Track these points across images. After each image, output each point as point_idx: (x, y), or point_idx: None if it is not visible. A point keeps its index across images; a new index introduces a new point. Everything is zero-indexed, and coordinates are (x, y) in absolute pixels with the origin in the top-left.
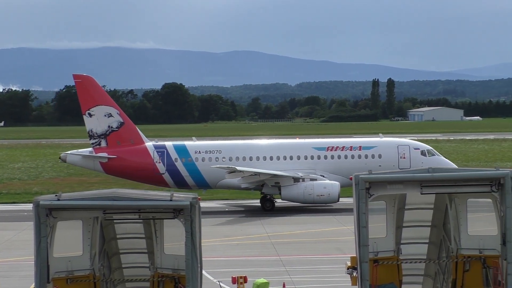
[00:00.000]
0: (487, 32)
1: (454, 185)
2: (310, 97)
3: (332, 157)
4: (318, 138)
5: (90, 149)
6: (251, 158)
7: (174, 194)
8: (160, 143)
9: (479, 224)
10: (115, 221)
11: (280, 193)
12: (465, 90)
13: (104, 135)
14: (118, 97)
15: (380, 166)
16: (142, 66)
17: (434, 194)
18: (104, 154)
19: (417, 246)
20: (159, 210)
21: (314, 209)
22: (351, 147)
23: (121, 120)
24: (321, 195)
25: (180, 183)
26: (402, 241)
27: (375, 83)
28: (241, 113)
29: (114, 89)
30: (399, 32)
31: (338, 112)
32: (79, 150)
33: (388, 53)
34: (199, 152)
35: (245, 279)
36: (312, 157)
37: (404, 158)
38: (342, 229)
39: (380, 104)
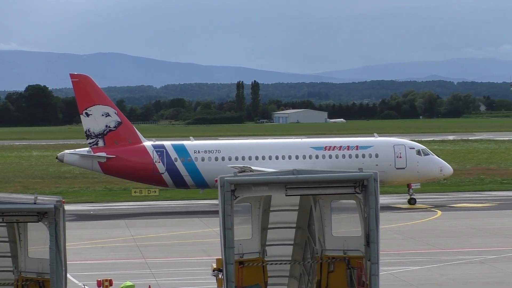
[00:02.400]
0: (350, 35)
1: (318, 186)
2: (175, 99)
3: (330, 156)
4: (315, 138)
5: (87, 148)
6: (250, 158)
7: (38, 197)
8: (158, 142)
9: (344, 225)
10: None
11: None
12: (329, 93)
13: (102, 135)
14: None
15: (377, 165)
16: (5, 68)
17: (299, 196)
18: (103, 154)
19: (282, 248)
20: (23, 213)
21: (181, 212)
22: (348, 146)
23: (119, 120)
24: None
25: (179, 183)
26: (267, 243)
27: (240, 86)
28: None
29: None
30: (264, 35)
31: (204, 115)
32: (77, 150)
33: (253, 56)
34: (199, 151)
35: (110, 282)
36: (310, 157)
37: (400, 157)
38: (208, 231)
39: (245, 107)
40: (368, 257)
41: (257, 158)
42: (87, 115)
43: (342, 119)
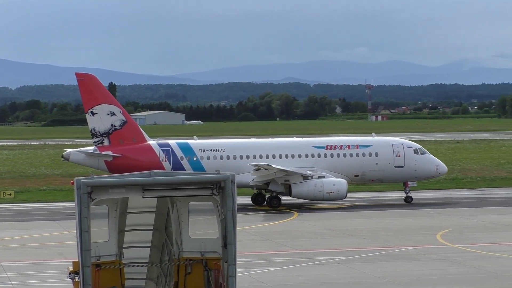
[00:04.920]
0: (207, 37)
1: (175, 188)
2: (31, 100)
3: (332, 155)
4: (317, 137)
5: (93, 147)
6: (254, 157)
7: None
8: (163, 141)
9: (201, 227)
10: None
11: (284, 191)
12: (186, 94)
13: (107, 134)
14: None
15: (377, 164)
16: None
17: (156, 198)
18: (109, 153)
19: (139, 250)
20: None
21: (37, 214)
22: (349, 145)
23: (124, 119)
24: (331, 192)
25: None
26: (124, 245)
27: None
28: None
29: None
30: (121, 36)
31: (60, 116)
32: (82, 148)
33: (109, 57)
34: (204, 150)
35: None
36: (312, 156)
37: (399, 156)
38: (64, 234)
39: None
40: (225, 258)
41: (261, 156)
42: (93, 114)
43: (199, 121)
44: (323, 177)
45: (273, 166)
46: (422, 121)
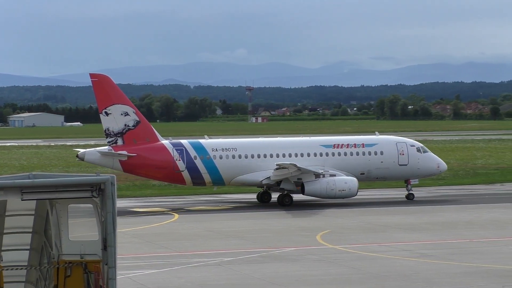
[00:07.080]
0: (87, 38)
1: (54, 191)
2: None
3: (339, 154)
4: (325, 136)
5: (107, 147)
6: (265, 156)
7: None
8: (175, 141)
9: (81, 230)
10: None
11: (295, 190)
12: (66, 96)
13: (121, 134)
14: None
15: (382, 162)
16: None
17: (35, 200)
18: (124, 152)
19: (18, 253)
20: None
21: None
22: (354, 144)
23: (137, 119)
24: (343, 190)
25: (197, 181)
26: (3, 248)
27: None
28: None
29: None
30: None
31: None
32: (97, 148)
33: None
34: (216, 149)
35: None
36: (321, 154)
37: (403, 154)
38: None
39: None
40: (105, 261)
41: (271, 155)
42: (107, 114)
43: (79, 123)
44: (334, 175)
45: (298, 165)
46: (302, 123)
